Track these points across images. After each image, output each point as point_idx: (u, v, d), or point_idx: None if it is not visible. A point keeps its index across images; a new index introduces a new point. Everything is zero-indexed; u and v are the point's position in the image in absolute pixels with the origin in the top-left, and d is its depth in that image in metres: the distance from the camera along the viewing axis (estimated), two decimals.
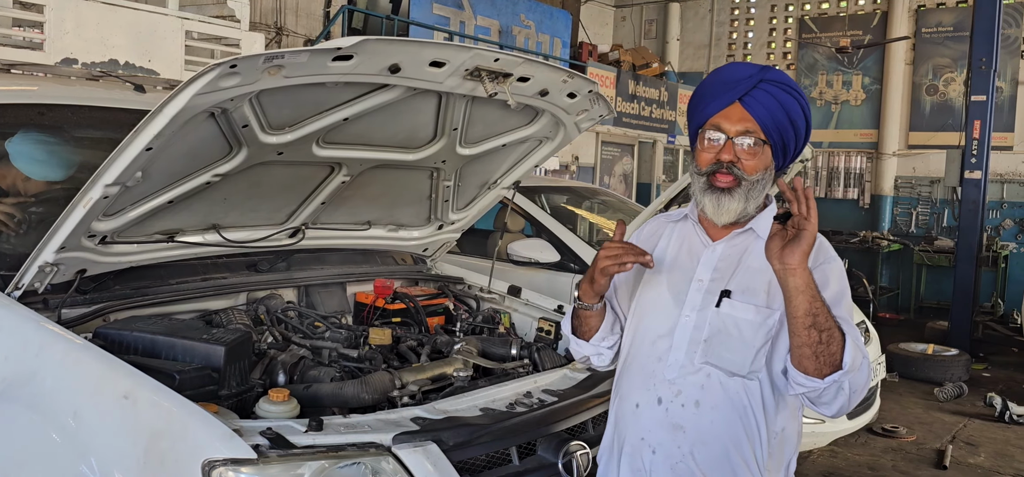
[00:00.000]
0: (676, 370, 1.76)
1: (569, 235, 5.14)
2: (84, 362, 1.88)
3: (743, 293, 1.74)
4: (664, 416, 1.76)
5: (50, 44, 3.96)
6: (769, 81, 1.75)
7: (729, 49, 13.25)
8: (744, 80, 1.75)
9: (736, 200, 1.74)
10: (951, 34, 11.22)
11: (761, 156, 1.75)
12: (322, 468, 1.69)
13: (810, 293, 1.58)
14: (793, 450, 1.82)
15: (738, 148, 1.73)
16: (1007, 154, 10.77)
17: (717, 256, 1.79)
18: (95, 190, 1.95)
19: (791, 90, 1.77)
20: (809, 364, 1.60)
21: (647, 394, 1.79)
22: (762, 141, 1.74)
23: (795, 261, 1.57)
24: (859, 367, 1.62)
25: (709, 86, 1.80)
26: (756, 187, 1.75)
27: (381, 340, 2.53)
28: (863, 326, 5.26)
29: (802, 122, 1.79)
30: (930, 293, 11.21)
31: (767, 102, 1.74)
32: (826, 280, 1.69)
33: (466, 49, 2.09)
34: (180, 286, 2.47)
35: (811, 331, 1.58)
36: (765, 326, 1.71)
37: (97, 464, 1.73)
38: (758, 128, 1.74)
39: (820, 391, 1.62)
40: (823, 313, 1.58)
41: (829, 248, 1.77)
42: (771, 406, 1.74)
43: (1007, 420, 6.19)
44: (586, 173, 11.21)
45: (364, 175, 2.63)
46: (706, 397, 1.73)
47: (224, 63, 1.77)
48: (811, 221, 1.56)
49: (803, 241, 1.56)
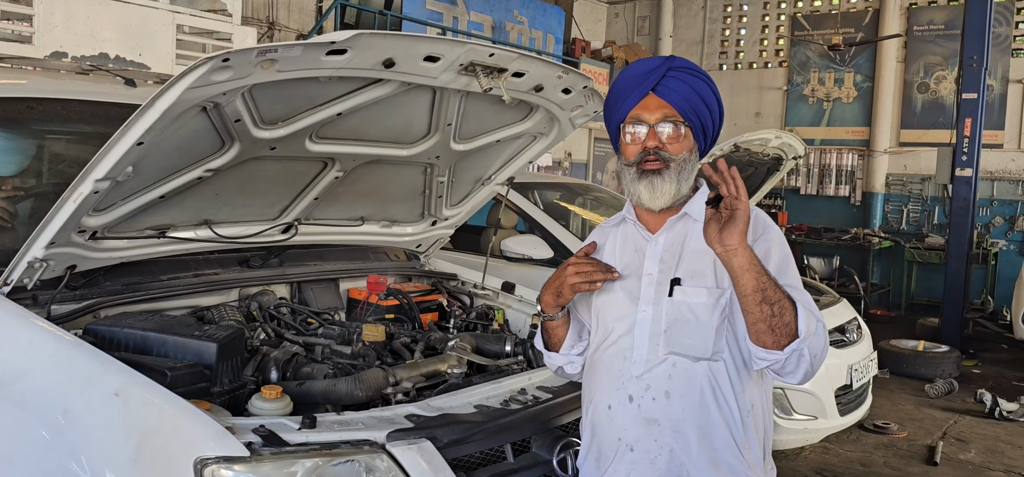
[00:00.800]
0: (642, 365, 1.79)
1: (562, 231, 5.13)
2: (74, 359, 1.86)
3: (692, 278, 1.79)
4: (637, 412, 1.79)
5: (39, 37, 3.93)
6: (677, 68, 1.82)
7: (722, 46, 13.27)
8: (654, 70, 1.81)
9: (668, 181, 1.80)
10: (942, 32, 11.26)
11: (683, 139, 1.81)
12: (316, 466, 1.68)
13: (755, 269, 1.63)
14: (765, 422, 1.84)
15: (660, 134, 1.80)
16: (997, 152, 10.82)
17: (661, 247, 1.84)
18: (85, 185, 1.93)
19: (697, 73, 1.84)
20: (767, 338, 1.65)
21: (617, 394, 1.82)
22: (682, 123, 1.80)
23: (734, 241, 1.62)
24: (815, 331, 1.67)
25: (622, 83, 1.86)
26: (685, 167, 1.81)
27: (375, 337, 2.52)
28: (855, 323, 5.28)
29: (714, 101, 1.86)
30: (921, 290, 11.26)
31: (678, 87, 1.80)
32: (768, 252, 1.75)
33: (461, 44, 2.08)
34: (171, 282, 2.45)
35: (763, 306, 1.63)
36: (718, 306, 1.76)
37: (87, 463, 1.71)
38: (676, 113, 1.80)
39: (782, 362, 1.67)
40: (771, 286, 1.63)
41: (765, 219, 1.82)
42: (738, 383, 1.77)
43: (997, 416, 6.22)
44: (579, 169, 11.21)
45: (357, 171, 2.61)
46: (675, 386, 1.76)
47: (216, 56, 1.75)
48: (741, 200, 1.62)
49: (738, 220, 1.62)
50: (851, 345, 5.06)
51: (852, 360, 4.94)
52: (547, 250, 4.96)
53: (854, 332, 5.20)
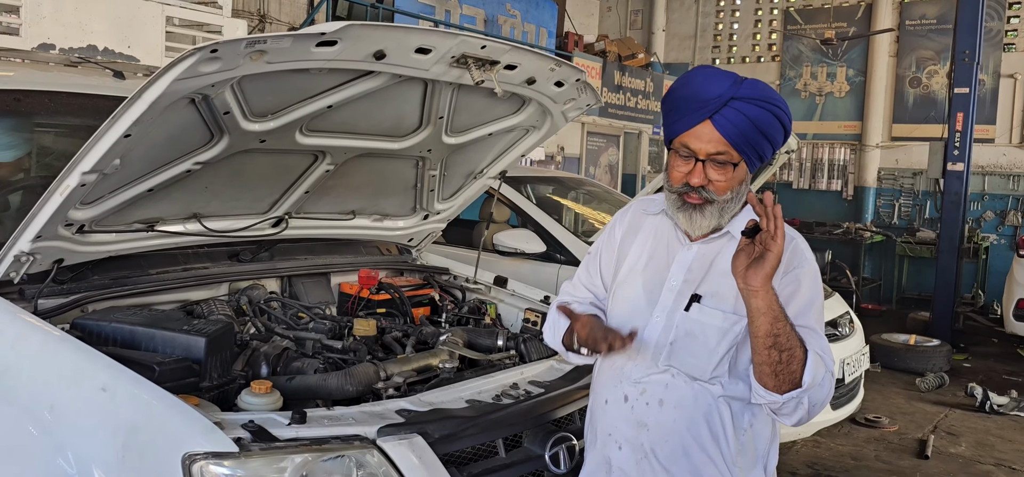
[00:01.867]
0: (642, 370, 1.77)
1: (555, 226, 5.12)
2: (61, 354, 1.83)
3: (712, 298, 1.73)
4: (630, 413, 1.78)
5: (27, 29, 3.88)
6: (741, 98, 1.67)
7: (714, 40, 13.27)
8: (714, 100, 1.66)
9: (708, 217, 1.73)
10: (935, 27, 11.29)
11: (733, 175, 1.70)
12: (305, 461, 1.66)
13: (772, 315, 1.57)
14: (767, 444, 1.81)
15: (709, 169, 1.69)
16: (989, 146, 10.86)
17: (691, 257, 1.78)
18: (72, 178, 1.91)
19: (764, 104, 1.68)
20: (769, 381, 1.62)
21: (615, 391, 1.82)
22: (734, 161, 1.69)
23: (758, 283, 1.55)
24: (820, 382, 1.62)
25: (679, 102, 1.72)
26: (730, 204, 1.73)
27: (366, 331, 2.51)
28: (847, 317, 5.29)
29: (778, 132, 1.73)
30: (912, 284, 11.30)
31: (738, 121, 1.66)
32: (796, 288, 1.68)
33: (452, 35, 2.06)
34: (160, 276, 2.43)
35: (772, 352, 1.58)
36: (731, 333, 1.71)
37: (74, 458, 1.69)
38: (729, 148, 1.68)
39: (779, 405, 1.64)
40: (785, 333, 1.58)
41: (804, 250, 1.74)
42: (738, 405, 1.74)
43: (988, 410, 6.24)
44: (572, 164, 11.19)
45: (348, 164, 2.59)
46: (669, 396, 1.74)
47: (205, 48, 1.73)
48: (777, 241, 1.53)
49: (767, 263, 1.54)
50: (843, 339, 5.07)
51: (844, 354, 4.95)
52: (540, 244, 4.95)
53: (846, 326, 5.21)
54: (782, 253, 1.55)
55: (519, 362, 2.55)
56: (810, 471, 4.91)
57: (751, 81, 1.71)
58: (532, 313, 2.91)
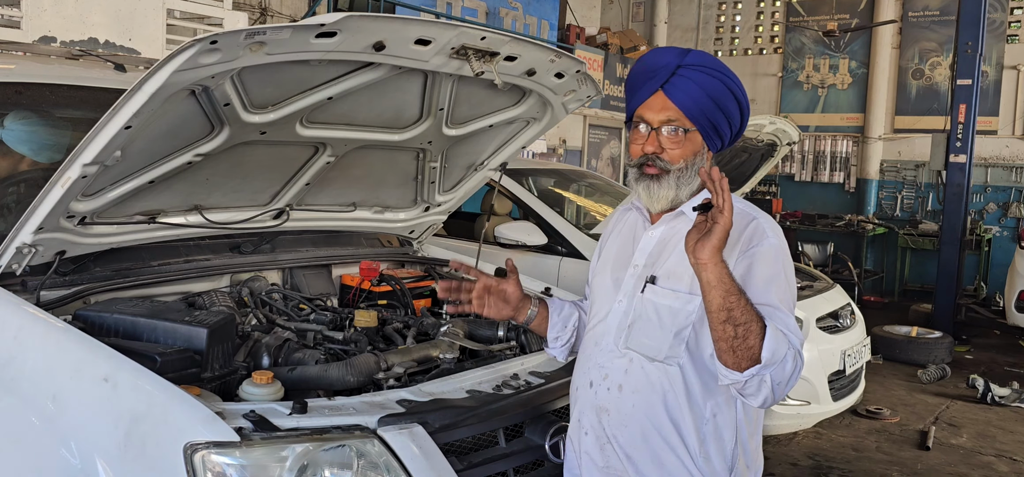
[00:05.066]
0: (605, 354, 1.81)
1: (556, 218, 5.12)
2: (64, 345, 1.84)
3: (668, 279, 1.76)
4: (594, 398, 1.82)
5: (28, 22, 3.89)
6: (688, 65, 1.74)
7: (717, 32, 13.24)
8: (663, 68, 1.74)
9: (665, 187, 1.76)
10: (937, 18, 11.25)
11: (686, 143, 1.75)
12: (306, 451, 1.67)
13: (724, 288, 1.56)
14: (734, 437, 1.77)
15: (662, 138, 1.75)
16: (991, 138, 10.84)
17: (653, 241, 1.83)
18: (73, 169, 1.91)
19: (713, 72, 1.75)
20: (727, 358, 1.60)
21: (584, 377, 1.86)
22: (684, 129, 1.74)
23: (705, 255, 1.56)
24: (782, 359, 1.59)
25: (633, 76, 1.81)
26: (685, 173, 1.76)
27: (367, 322, 2.51)
28: (849, 309, 5.29)
29: (731, 101, 1.77)
30: (914, 276, 11.29)
31: (687, 88, 1.73)
32: (750, 267, 1.68)
33: (452, 26, 2.06)
34: (162, 268, 2.44)
35: (726, 326, 1.57)
36: (684, 312, 1.72)
37: (77, 448, 1.70)
38: (681, 115, 1.74)
39: (742, 383, 1.61)
40: (739, 307, 1.57)
41: (764, 231, 1.73)
42: (696, 391, 1.73)
43: (989, 402, 6.25)
44: (573, 156, 11.18)
45: (349, 156, 2.60)
46: (628, 381, 1.77)
47: (205, 39, 1.73)
48: (724, 214, 1.54)
49: (714, 236, 1.55)
50: (844, 331, 5.07)
51: (845, 346, 4.95)
52: (541, 237, 4.96)
53: (847, 318, 5.21)
54: (730, 225, 1.56)
55: (519, 353, 2.56)
56: (811, 462, 4.92)
57: (698, 51, 1.79)
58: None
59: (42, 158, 2.55)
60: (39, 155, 2.55)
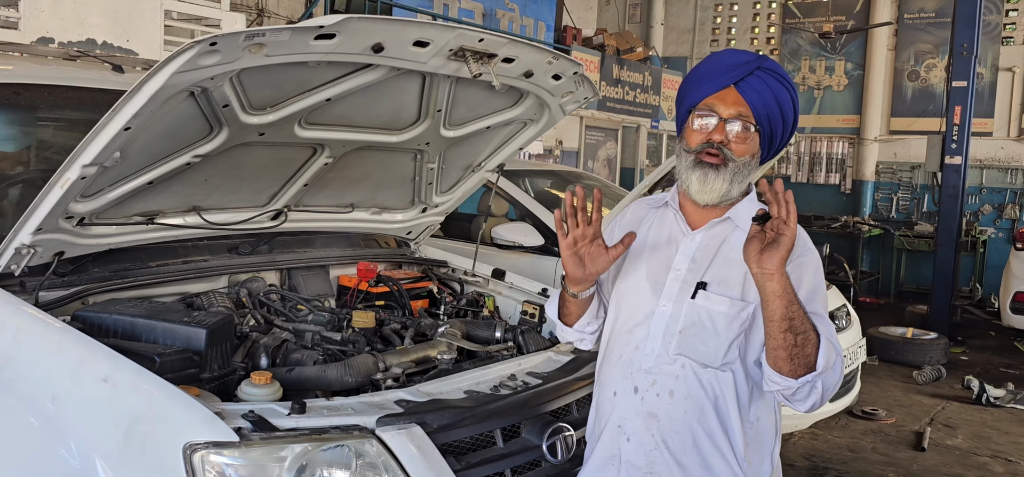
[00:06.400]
0: (652, 359, 1.78)
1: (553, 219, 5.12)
2: (63, 345, 1.85)
3: (719, 285, 1.75)
4: (640, 404, 1.78)
5: (26, 23, 3.88)
6: (766, 69, 1.78)
7: (713, 34, 13.26)
8: (742, 65, 1.77)
9: (722, 179, 1.75)
10: (933, 20, 11.29)
11: (750, 142, 1.77)
12: (305, 451, 1.68)
13: (787, 298, 1.59)
14: (773, 438, 1.83)
15: (729, 131, 1.76)
16: (987, 140, 10.88)
17: (696, 245, 1.81)
18: (72, 170, 1.91)
19: (785, 81, 1.80)
20: (784, 366, 1.63)
21: (624, 382, 1.81)
22: (752, 127, 1.77)
23: (773, 266, 1.58)
24: (833, 366, 1.65)
25: (706, 68, 1.82)
26: (742, 170, 1.77)
27: (364, 323, 2.52)
28: (844, 310, 5.31)
29: (791, 113, 1.82)
30: (910, 277, 11.32)
31: (761, 89, 1.76)
32: (801, 276, 1.71)
33: (450, 28, 2.07)
34: (160, 269, 2.44)
35: (787, 335, 1.60)
36: (739, 319, 1.73)
37: (77, 448, 1.70)
38: (750, 114, 1.76)
39: (793, 390, 1.65)
40: (799, 316, 1.60)
41: (805, 241, 1.78)
42: (744, 396, 1.76)
43: (984, 403, 6.27)
44: (570, 157, 11.19)
45: (347, 157, 2.60)
46: (680, 387, 1.75)
47: (204, 40, 1.74)
48: (790, 226, 1.57)
49: (782, 247, 1.57)
50: (840, 332, 5.09)
51: (841, 347, 4.96)
52: (537, 238, 4.97)
53: (843, 319, 5.23)
54: (796, 237, 1.59)
55: (517, 354, 2.56)
56: (808, 463, 4.93)
57: (773, 59, 1.83)
58: (530, 305, 2.92)
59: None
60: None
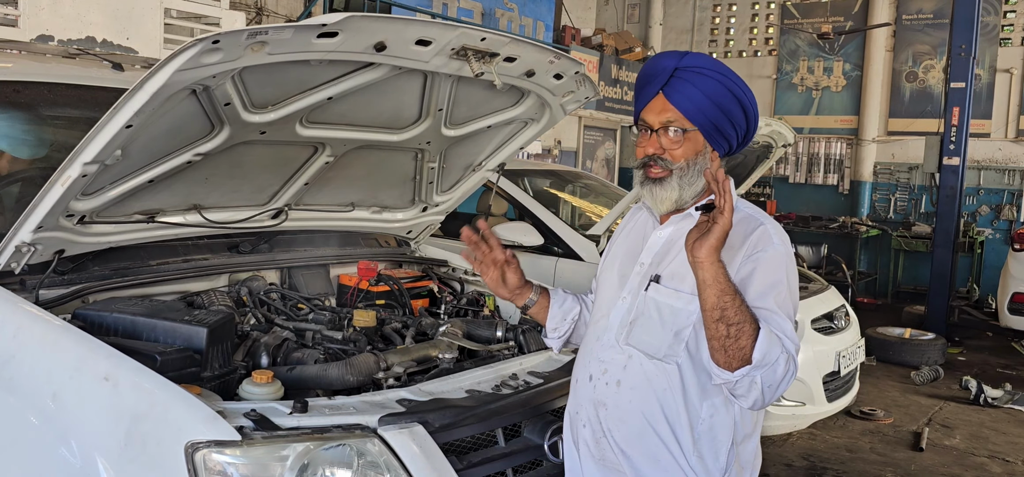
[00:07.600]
0: (606, 349, 1.84)
1: (552, 218, 5.14)
2: (63, 344, 1.84)
3: (672, 279, 1.79)
4: (593, 393, 1.84)
5: (25, 21, 3.88)
6: (685, 68, 1.78)
7: (711, 34, 13.27)
8: (661, 72, 1.79)
9: (668, 189, 1.79)
10: (931, 21, 11.30)
11: (687, 144, 1.78)
12: (307, 450, 1.68)
13: (719, 287, 1.60)
14: (729, 436, 1.78)
15: (663, 139, 1.79)
16: (984, 141, 10.89)
17: (661, 241, 1.86)
18: (73, 168, 1.91)
19: (710, 73, 1.78)
20: (719, 357, 1.64)
21: (584, 371, 1.89)
22: (685, 129, 1.78)
23: (702, 254, 1.60)
24: (774, 362, 1.61)
25: (637, 82, 1.87)
26: (688, 173, 1.79)
27: (365, 322, 2.51)
28: (843, 310, 5.31)
29: (731, 102, 1.79)
30: (907, 278, 11.34)
31: (685, 90, 1.77)
32: (754, 271, 1.69)
33: (453, 27, 2.07)
34: (161, 267, 2.44)
35: (718, 325, 1.61)
36: (685, 312, 1.75)
37: (78, 447, 1.70)
38: (681, 116, 1.78)
39: (733, 384, 1.64)
40: (733, 307, 1.60)
41: (769, 238, 1.74)
42: (693, 391, 1.75)
43: (982, 403, 6.28)
44: (569, 157, 11.20)
45: (348, 156, 2.60)
46: (627, 377, 1.79)
47: (206, 39, 1.73)
48: (724, 214, 1.57)
49: (712, 235, 1.59)
50: (838, 332, 5.09)
51: (839, 347, 4.97)
52: (537, 237, 4.97)
53: (841, 319, 5.23)
54: (729, 226, 1.59)
55: (518, 353, 2.56)
56: (805, 463, 4.94)
57: (695, 54, 1.83)
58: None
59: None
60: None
